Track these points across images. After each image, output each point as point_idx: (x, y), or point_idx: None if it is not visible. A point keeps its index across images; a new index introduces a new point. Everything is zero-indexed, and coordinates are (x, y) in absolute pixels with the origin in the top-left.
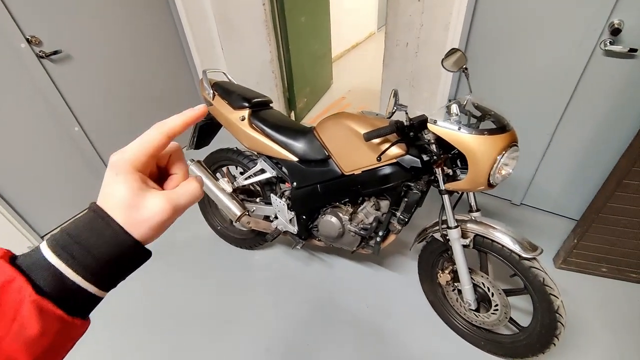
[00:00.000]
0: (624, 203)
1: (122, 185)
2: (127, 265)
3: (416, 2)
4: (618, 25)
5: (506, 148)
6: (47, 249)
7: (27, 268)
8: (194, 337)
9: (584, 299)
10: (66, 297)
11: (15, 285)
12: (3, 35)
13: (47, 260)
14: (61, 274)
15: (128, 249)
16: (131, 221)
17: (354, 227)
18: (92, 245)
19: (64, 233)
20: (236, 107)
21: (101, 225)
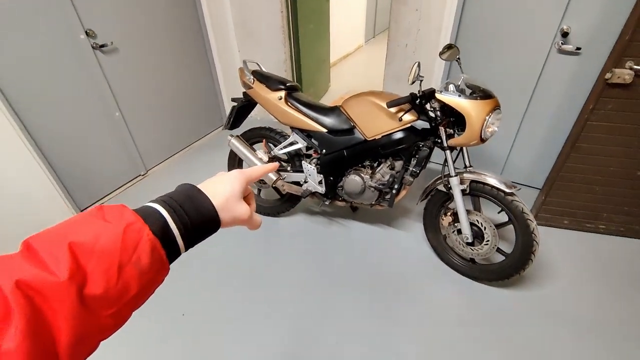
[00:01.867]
0: (577, 162)
1: (237, 185)
2: (205, 234)
3: (414, 11)
4: (567, 30)
5: (492, 110)
6: (158, 205)
7: (143, 215)
8: (235, 284)
9: (551, 247)
10: (165, 244)
11: (136, 225)
12: (68, 27)
13: (159, 212)
14: (167, 225)
15: (211, 223)
16: (223, 206)
17: (374, 184)
18: (191, 211)
19: (171, 198)
20: (274, 89)
21: (200, 199)
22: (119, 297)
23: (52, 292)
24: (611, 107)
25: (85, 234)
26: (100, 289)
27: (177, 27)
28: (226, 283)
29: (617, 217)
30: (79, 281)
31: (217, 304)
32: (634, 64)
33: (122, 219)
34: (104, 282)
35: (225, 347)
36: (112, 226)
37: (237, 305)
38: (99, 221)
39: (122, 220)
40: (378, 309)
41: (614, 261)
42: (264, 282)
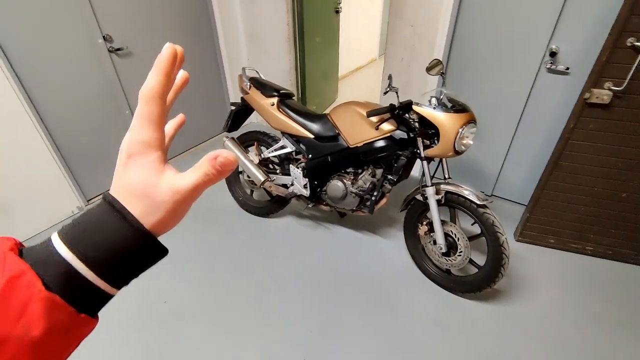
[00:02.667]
0: (560, 181)
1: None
2: (141, 261)
3: (409, 27)
4: (555, 50)
5: (466, 123)
6: (59, 240)
7: (37, 261)
8: (223, 279)
9: (534, 265)
10: (76, 293)
11: (24, 280)
12: (88, 32)
13: (58, 253)
14: (73, 268)
15: (144, 243)
16: (144, 210)
17: (355, 190)
18: (106, 238)
19: (76, 225)
20: (267, 95)
21: (115, 216)
22: None
23: None
24: (592, 127)
25: None
26: None
27: (189, 34)
28: (209, 277)
29: (604, 239)
30: None
31: (198, 296)
32: (612, 85)
33: (3, 272)
34: None
35: (201, 344)
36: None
37: (216, 300)
38: None
39: (2, 273)
40: (351, 315)
41: (597, 284)
42: (245, 279)
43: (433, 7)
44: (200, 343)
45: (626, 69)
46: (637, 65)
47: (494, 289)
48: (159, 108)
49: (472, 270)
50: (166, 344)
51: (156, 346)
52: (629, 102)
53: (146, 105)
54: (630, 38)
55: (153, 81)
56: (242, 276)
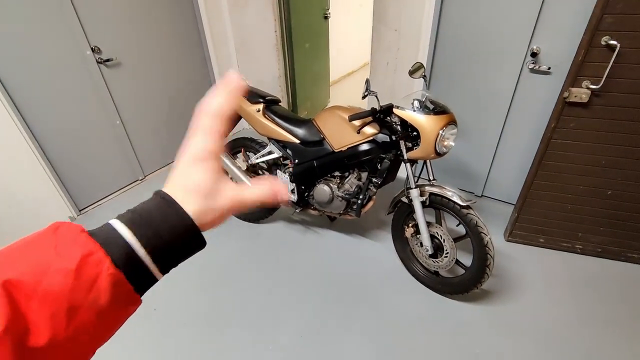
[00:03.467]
0: (545, 180)
1: (201, 169)
2: (185, 251)
3: (393, 31)
4: (536, 50)
5: (446, 125)
6: (121, 225)
7: (103, 242)
8: (212, 285)
9: (524, 264)
10: (132, 273)
11: (94, 257)
12: (76, 44)
13: (121, 236)
14: (133, 250)
15: (192, 236)
16: (201, 209)
17: (341, 194)
18: (162, 227)
19: (135, 213)
20: (253, 102)
21: (170, 210)
22: (69, 344)
23: None
24: (573, 126)
25: (26, 269)
26: (44, 339)
27: (178, 43)
28: (198, 283)
29: (593, 237)
30: (16, 332)
31: (188, 303)
32: (590, 84)
33: (75, 249)
34: (49, 331)
35: (190, 350)
36: (61, 260)
37: (205, 306)
38: (47, 251)
39: (76, 251)
40: (341, 317)
41: (588, 282)
42: (234, 285)
43: (416, 11)
44: (189, 349)
45: (602, 67)
46: (613, 64)
47: (484, 290)
48: (222, 124)
49: (459, 271)
50: (155, 350)
51: (146, 353)
52: (606, 100)
53: (213, 119)
54: (605, 37)
55: (222, 100)
56: (231, 282)
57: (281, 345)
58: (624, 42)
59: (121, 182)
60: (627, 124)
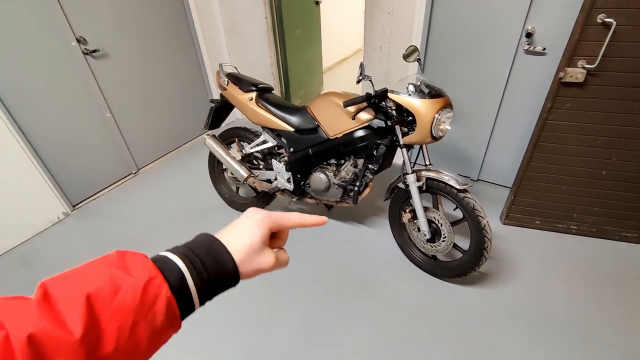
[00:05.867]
0: (541, 162)
1: (257, 234)
2: (222, 289)
3: (387, 14)
4: (531, 31)
5: (442, 108)
6: (177, 257)
7: (162, 268)
8: None
9: (521, 247)
10: (181, 301)
11: (157, 281)
12: (61, 35)
13: (177, 266)
14: (185, 281)
15: (231, 279)
16: (245, 259)
17: (338, 181)
18: (210, 266)
19: (190, 250)
20: (245, 90)
21: (220, 252)
22: (125, 356)
23: (63, 351)
24: (569, 106)
25: (104, 285)
26: (110, 347)
27: (166, 32)
28: None
29: (587, 218)
30: (91, 339)
31: None
32: (586, 63)
33: (143, 271)
34: (115, 340)
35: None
36: (132, 279)
37: None
38: (119, 272)
39: (144, 274)
40: (340, 305)
41: (583, 262)
42: None
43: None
44: (186, 341)
45: (598, 46)
46: (609, 42)
47: (482, 272)
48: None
49: (457, 255)
50: None
51: None
52: (602, 79)
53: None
54: (601, 15)
55: (301, 221)
56: None
57: (282, 333)
58: (620, 20)
59: (114, 176)
60: (623, 104)
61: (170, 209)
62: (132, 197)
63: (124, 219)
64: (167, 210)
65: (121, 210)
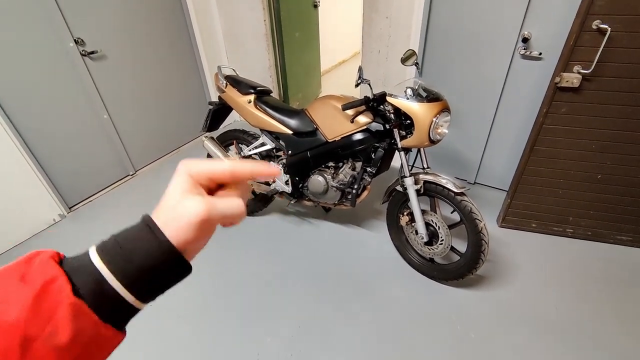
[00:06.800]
0: (537, 166)
1: (173, 185)
2: (166, 276)
3: (385, 19)
4: (527, 36)
5: (440, 112)
6: (94, 251)
7: (71, 269)
8: (208, 279)
9: (517, 249)
10: (103, 303)
11: (56, 285)
12: (58, 36)
13: (91, 262)
14: (102, 277)
15: (168, 258)
16: (165, 219)
17: (336, 184)
18: (134, 251)
19: (112, 238)
20: (244, 93)
21: (145, 231)
22: None
23: None
24: (565, 111)
25: None
26: None
27: (165, 34)
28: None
29: (583, 221)
30: None
31: (182, 297)
32: (581, 68)
33: (39, 276)
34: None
35: (187, 344)
36: (23, 287)
37: (201, 299)
38: (12, 279)
39: (39, 278)
40: (338, 307)
41: (578, 265)
42: (230, 278)
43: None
44: (187, 341)
45: (593, 52)
46: (604, 48)
47: (478, 275)
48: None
49: (454, 257)
50: (153, 343)
51: (143, 345)
52: (597, 84)
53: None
54: (596, 21)
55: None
56: (226, 275)
57: (280, 335)
58: (614, 26)
59: (111, 177)
60: (618, 108)
61: None
62: (129, 198)
63: (121, 221)
64: None
65: (118, 212)
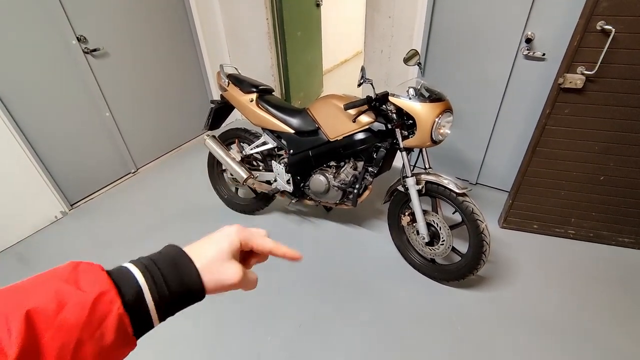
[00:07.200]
0: (540, 167)
1: (226, 243)
2: (185, 304)
3: (387, 18)
4: (531, 36)
5: (442, 112)
6: (135, 268)
7: (118, 281)
8: None
9: (519, 250)
10: (136, 317)
11: (108, 296)
12: (61, 34)
13: (134, 278)
14: (142, 295)
15: (195, 293)
16: (208, 268)
17: (337, 183)
18: (171, 278)
19: (150, 260)
20: (246, 92)
21: (184, 263)
22: None
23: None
24: (568, 112)
25: (49, 301)
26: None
27: (168, 32)
28: None
29: (585, 223)
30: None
31: None
32: (585, 69)
33: (95, 285)
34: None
35: (190, 341)
36: (81, 294)
37: None
38: (67, 286)
39: (95, 288)
40: (338, 307)
41: (580, 266)
42: None
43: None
44: (186, 342)
45: (597, 53)
46: (608, 49)
47: (479, 276)
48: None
49: (455, 258)
50: (153, 342)
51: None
52: (601, 85)
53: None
54: (600, 21)
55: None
56: None
57: (280, 335)
58: (618, 27)
59: (113, 175)
60: (621, 110)
61: (169, 209)
62: (130, 196)
63: (122, 218)
64: (165, 210)
65: (119, 209)
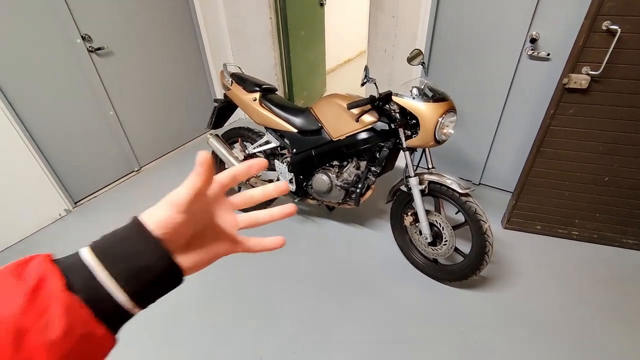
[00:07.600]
0: (543, 167)
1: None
2: (159, 282)
3: (391, 17)
4: (535, 36)
5: (446, 112)
6: (86, 249)
7: (65, 267)
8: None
9: (521, 251)
10: (95, 300)
11: (50, 281)
12: (66, 32)
13: (84, 259)
14: (94, 274)
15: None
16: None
17: (340, 183)
18: (128, 251)
19: (104, 237)
20: (249, 91)
21: (139, 233)
22: None
23: None
24: (572, 112)
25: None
26: None
27: (171, 31)
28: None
29: (589, 224)
30: None
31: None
32: (590, 70)
33: (35, 273)
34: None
35: (192, 342)
36: (19, 283)
37: (205, 294)
38: (6, 279)
39: (35, 275)
40: (341, 307)
41: (583, 268)
42: (233, 276)
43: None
44: (190, 339)
45: (602, 53)
46: (613, 49)
47: (482, 276)
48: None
49: (458, 258)
50: (155, 341)
51: (147, 342)
52: (606, 86)
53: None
54: (606, 22)
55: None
56: (230, 273)
57: (282, 333)
58: (624, 27)
59: (116, 173)
60: (626, 111)
61: None
62: (133, 194)
63: (126, 216)
64: None
65: (123, 207)
